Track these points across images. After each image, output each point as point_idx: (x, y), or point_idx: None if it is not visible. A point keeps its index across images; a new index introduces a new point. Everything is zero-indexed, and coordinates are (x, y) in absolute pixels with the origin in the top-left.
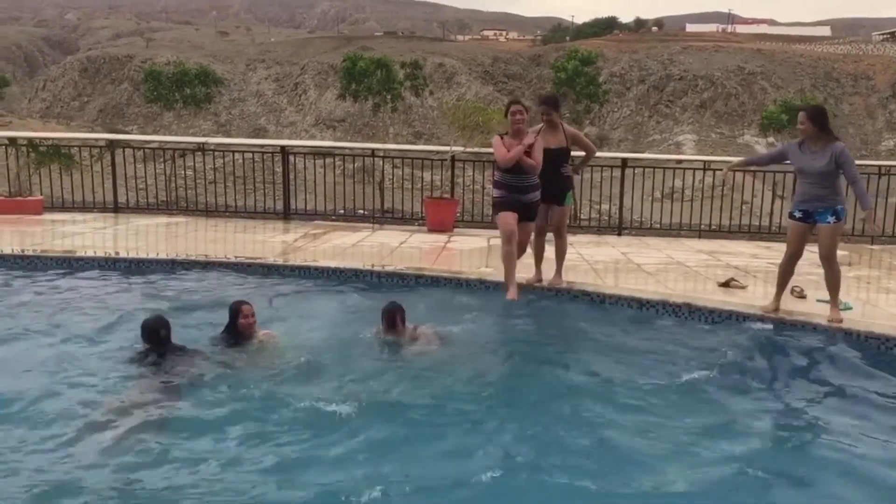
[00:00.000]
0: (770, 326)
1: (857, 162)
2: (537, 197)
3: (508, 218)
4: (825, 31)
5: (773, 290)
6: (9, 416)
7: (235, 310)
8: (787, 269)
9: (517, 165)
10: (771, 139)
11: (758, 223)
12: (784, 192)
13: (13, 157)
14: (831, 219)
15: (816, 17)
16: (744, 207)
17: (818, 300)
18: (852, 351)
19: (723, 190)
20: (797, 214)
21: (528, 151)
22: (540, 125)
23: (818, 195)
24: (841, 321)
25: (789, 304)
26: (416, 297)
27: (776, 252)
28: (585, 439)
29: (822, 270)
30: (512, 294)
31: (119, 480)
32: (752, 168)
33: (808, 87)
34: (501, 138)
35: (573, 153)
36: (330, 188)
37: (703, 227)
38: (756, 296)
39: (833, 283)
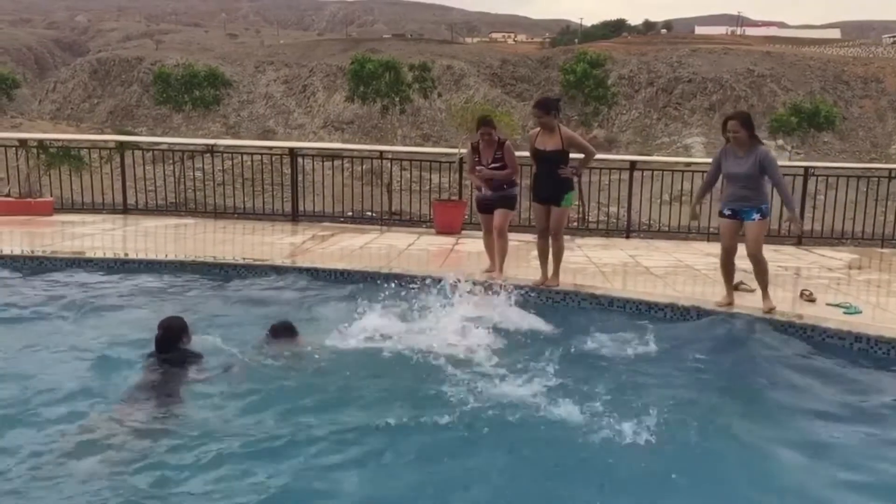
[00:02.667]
0: (782, 329)
1: (866, 165)
2: (499, 194)
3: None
4: (835, 33)
5: (782, 293)
6: (9, 418)
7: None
8: (727, 265)
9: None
10: (780, 142)
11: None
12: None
13: (24, 159)
14: (756, 216)
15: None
16: None
17: (828, 304)
18: (863, 354)
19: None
20: (726, 212)
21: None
22: (537, 129)
23: (744, 196)
24: (773, 309)
25: (798, 307)
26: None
27: (785, 255)
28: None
29: (833, 274)
30: (489, 270)
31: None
32: (710, 190)
33: (818, 89)
34: (474, 150)
35: (573, 156)
36: (338, 190)
37: (711, 230)
38: None
39: (762, 277)
